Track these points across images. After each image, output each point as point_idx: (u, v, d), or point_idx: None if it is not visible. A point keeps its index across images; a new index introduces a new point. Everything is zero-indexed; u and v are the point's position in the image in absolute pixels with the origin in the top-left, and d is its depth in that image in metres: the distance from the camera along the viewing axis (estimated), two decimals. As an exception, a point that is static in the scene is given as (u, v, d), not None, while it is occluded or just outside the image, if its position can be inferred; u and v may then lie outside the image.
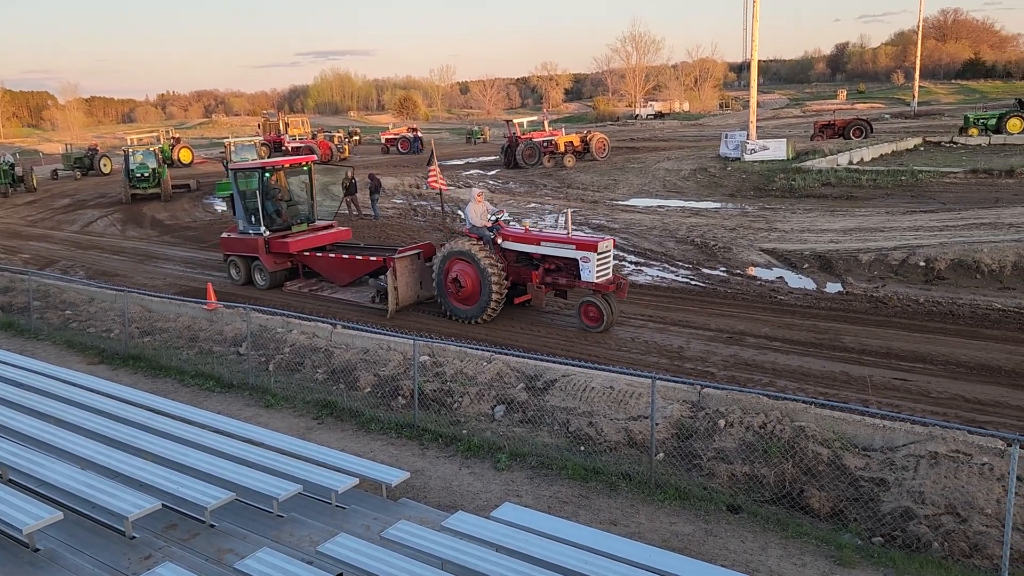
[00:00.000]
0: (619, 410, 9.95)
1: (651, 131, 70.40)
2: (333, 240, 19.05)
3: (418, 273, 16.15)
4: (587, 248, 13.90)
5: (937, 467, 7.80)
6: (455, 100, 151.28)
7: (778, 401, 9.31)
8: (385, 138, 62.13)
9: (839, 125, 46.04)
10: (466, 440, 9.60)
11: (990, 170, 28.68)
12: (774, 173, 31.26)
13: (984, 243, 16.82)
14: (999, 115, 43.44)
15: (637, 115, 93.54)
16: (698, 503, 7.96)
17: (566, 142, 43.02)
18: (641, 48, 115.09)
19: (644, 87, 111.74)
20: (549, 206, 29.66)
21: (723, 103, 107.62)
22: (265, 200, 18.25)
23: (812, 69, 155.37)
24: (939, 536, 7.05)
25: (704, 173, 34.25)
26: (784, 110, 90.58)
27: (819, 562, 6.89)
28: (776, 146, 36.12)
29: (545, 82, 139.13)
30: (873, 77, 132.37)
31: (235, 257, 18.99)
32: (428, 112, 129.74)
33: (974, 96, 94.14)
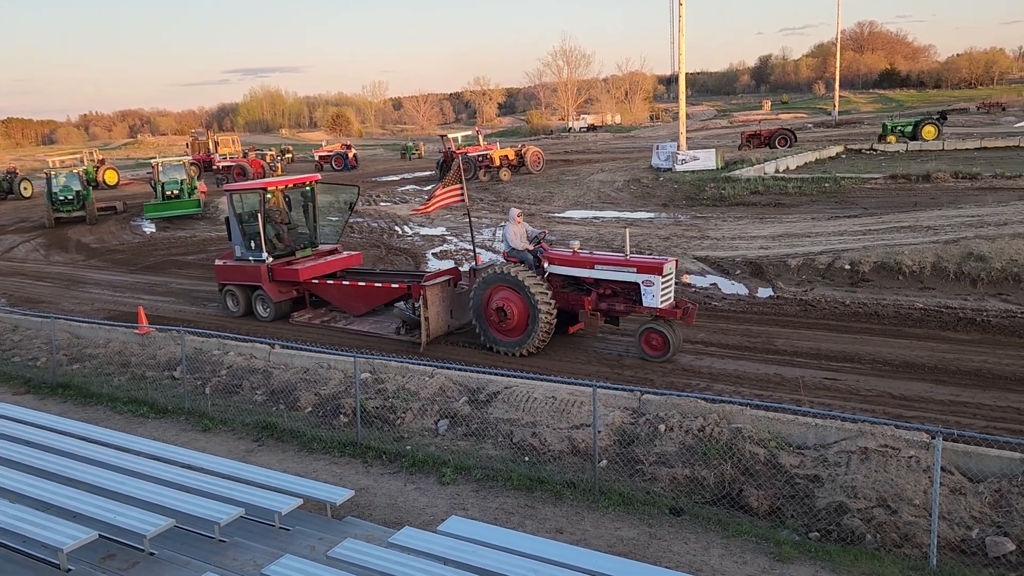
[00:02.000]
0: (562, 419, 10.05)
1: (584, 144, 71.31)
2: (344, 266, 17.53)
3: (448, 301, 14.77)
4: (651, 271, 12.73)
5: (867, 462, 8.09)
6: (389, 116, 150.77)
7: (715, 404, 9.54)
8: (319, 155, 61.53)
9: (765, 135, 47.48)
10: (410, 456, 9.58)
11: (908, 175, 29.91)
12: (704, 183, 32.00)
13: (905, 246, 17.53)
14: (915, 123, 45.44)
15: (570, 128, 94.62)
16: (641, 507, 8.10)
17: (501, 156, 43.27)
18: (572, 62, 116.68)
19: (576, 100, 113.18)
20: (486, 220, 29.78)
21: (653, 115, 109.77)
22: (266, 224, 16.68)
23: (738, 81, 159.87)
24: (871, 528, 7.32)
25: (637, 184, 34.86)
26: (712, 121, 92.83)
27: (759, 559, 7.08)
28: (706, 156, 37.05)
29: (478, 97, 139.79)
30: (796, 88, 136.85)
31: (232, 287, 17.27)
32: (362, 128, 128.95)
33: (891, 105, 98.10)
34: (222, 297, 17.64)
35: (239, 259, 17.13)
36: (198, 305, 19.01)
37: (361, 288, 16.12)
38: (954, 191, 26.84)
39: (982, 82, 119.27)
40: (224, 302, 17.62)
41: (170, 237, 30.88)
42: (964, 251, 16.43)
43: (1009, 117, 64.73)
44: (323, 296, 16.93)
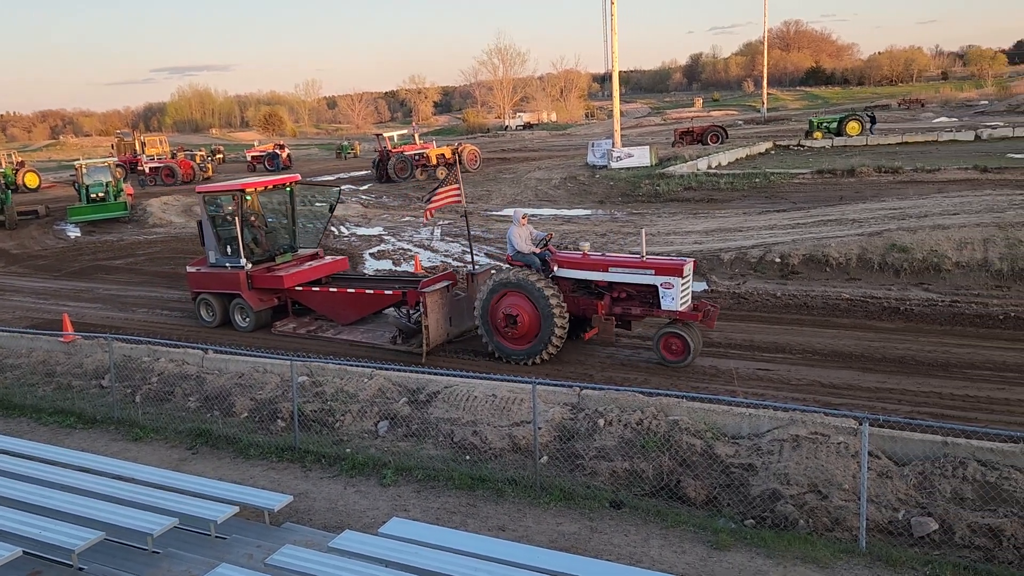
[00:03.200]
0: (502, 417, 10.07)
1: (521, 142, 71.56)
2: (330, 271, 16.61)
3: (447, 308, 13.90)
4: (670, 272, 12.16)
5: (799, 449, 8.32)
6: (323, 115, 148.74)
7: (653, 397, 9.69)
8: (251, 155, 60.27)
9: (697, 132, 48.38)
10: (350, 458, 9.47)
11: (834, 170, 30.83)
12: (640, 179, 32.44)
13: (831, 238, 18.06)
14: (840, 119, 46.88)
15: (507, 126, 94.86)
16: (582, 502, 8.17)
17: (438, 155, 43.13)
18: (507, 60, 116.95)
19: (512, 99, 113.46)
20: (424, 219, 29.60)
21: (589, 113, 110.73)
22: (243, 228, 15.71)
23: (670, 79, 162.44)
24: (804, 514, 7.53)
25: (574, 181, 35.12)
26: (646, 119, 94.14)
27: (697, 548, 7.22)
28: (640, 153, 37.55)
29: (414, 95, 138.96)
30: (726, 86, 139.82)
31: (207, 295, 16.19)
32: (295, 128, 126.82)
33: (817, 102, 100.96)
34: (196, 307, 16.55)
35: (214, 266, 16.04)
36: (127, 311, 18.46)
37: (350, 295, 15.23)
38: (877, 185, 27.77)
39: (902, 79, 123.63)
40: (198, 312, 16.53)
41: (96, 241, 29.90)
42: (887, 243, 17.01)
43: (928, 113, 67.26)
44: (307, 304, 16.05)
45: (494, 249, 22.91)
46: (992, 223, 16.97)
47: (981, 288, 15.35)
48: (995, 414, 10.10)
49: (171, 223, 32.73)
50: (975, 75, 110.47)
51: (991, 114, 58.76)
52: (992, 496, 7.39)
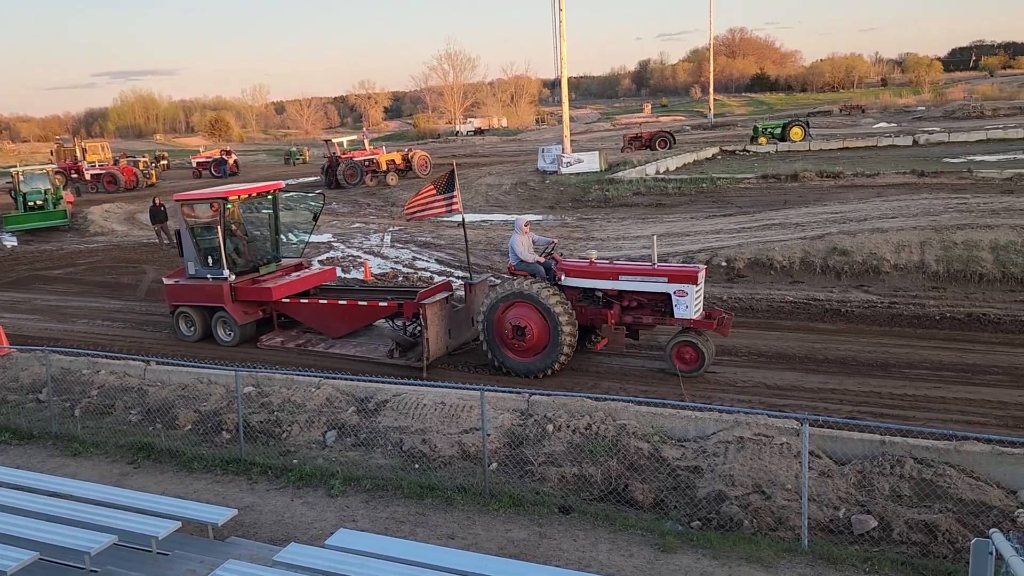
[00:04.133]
0: (452, 424, 10.04)
1: (472, 147, 71.58)
2: (318, 282, 16.00)
3: (447, 319, 13.39)
4: (684, 280, 11.89)
5: (743, 451, 8.46)
6: (271, 120, 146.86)
7: (601, 402, 9.76)
8: (196, 162, 59.24)
9: (646, 137, 48.98)
10: (297, 469, 9.34)
11: (778, 175, 31.48)
12: (589, 184, 32.70)
13: (776, 242, 18.43)
14: (783, 125, 47.91)
15: (457, 132, 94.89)
16: (532, 508, 8.18)
17: (388, 160, 42.92)
18: (457, 66, 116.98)
19: (463, 104, 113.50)
20: (374, 226, 29.45)
21: (539, 118, 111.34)
22: (226, 237, 14.99)
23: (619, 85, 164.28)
24: (748, 514, 7.64)
25: (524, 187, 35.25)
26: (596, 124, 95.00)
27: (645, 551, 7.28)
28: (590, 159, 37.85)
29: (364, 101, 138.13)
30: (674, 92, 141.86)
31: (187, 309, 15.46)
32: (243, 134, 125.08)
33: (762, 108, 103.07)
34: (174, 321, 15.77)
35: (194, 277, 15.34)
36: (66, 322, 17.96)
37: (342, 307, 14.59)
38: (820, 189, 28.43)
39: (844, 85, 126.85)
40: (176, 326, 15.77)
41: (34, 251, 29.01)
42: (829, 246, 17.42)
43: (868, 119, 69.14)
44: (295, 316, 15.43)
45: (445, 255, 22.87)
46: (928, 226, 17.49)
47: (918, 289, 15.81)
48: (932, 412, 10.40)
49: (113, 231, 31.99)
50: (913, 82, 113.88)
51: (928, 120, 60.65)
52: (928, 493, 7.61)
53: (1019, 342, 12.84)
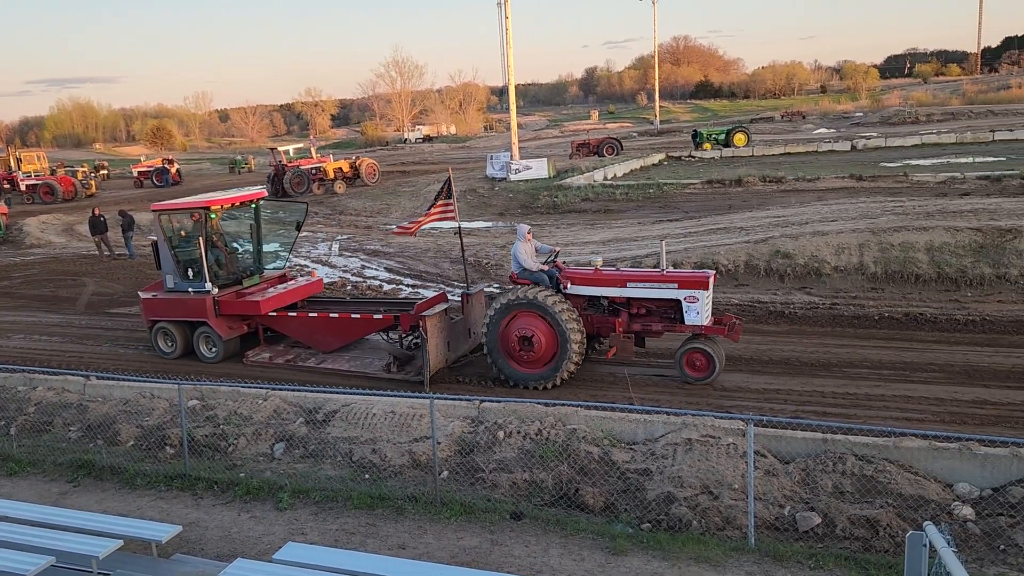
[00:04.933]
0: (402, 434, 9.98)
1: (420, 155, 71.34)
2: (306, 294, 15.44)
3: (446, 332, 13.01)
4: (695, 286, 11.71)
5: (691, 452, 8.57)
6: (215, 128, 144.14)
7: (551, 407, 9.80)
8: (138, 171, 57.91)
9: (593, 144, 49.41)
10: (244, 483, 9.18)
11: (722, 180, 32.05)
12: (538, 191, 32.86)
13: (721, 246, 18.75)
14: (727, 131, 48.82)
15: (406, 139, 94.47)
16: (483, 515, 8.17)
17: (335, 168, 42.55)
18: (405, 73, 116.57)
19: (411, 111, 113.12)
20: (322, 234, 29.15)
21: (488, 125, 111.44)
22: (208, 249, 14.41)
23: (567, 92, 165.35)
24: (697, 514, 7.75)
25: (473, 194, 35.26)
26: (544, 131, 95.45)
27: (596, 554, 7.33)
28: (538, 165, 38.06)
29: (310, 108, 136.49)
30: (621, 98, 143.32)
31: (166, 324, 14.80)
32: (186, 142, 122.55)
33: (707, 114, 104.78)
34: (152, 337, 15.06)
35: (173, 291, 14.70)
36: (1, 338, 17.37)
37: (334, 320, 14.11)
38: (763, 194, 29.02)
39: (785, 92, 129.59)
40: (155, 343, 15.05)
41: (-34, 264, 28.01)
42: (772, 249, 17.79)
43: (808, 124, 70.74)
44: (283, 331, 14.91)
45: (394, 264, 22.75)
46: (867, 229, 17.97)
47: (858, 290, 16.24)
48: (872, 410, 10.69)
49: (51, 243, 31.08)
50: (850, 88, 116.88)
51: (865, 125, 62.32)
52: (869, 489, 7.81)
53: (954, 340, 13.28)
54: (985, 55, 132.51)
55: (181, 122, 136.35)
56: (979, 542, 7.10)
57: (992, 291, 15.47)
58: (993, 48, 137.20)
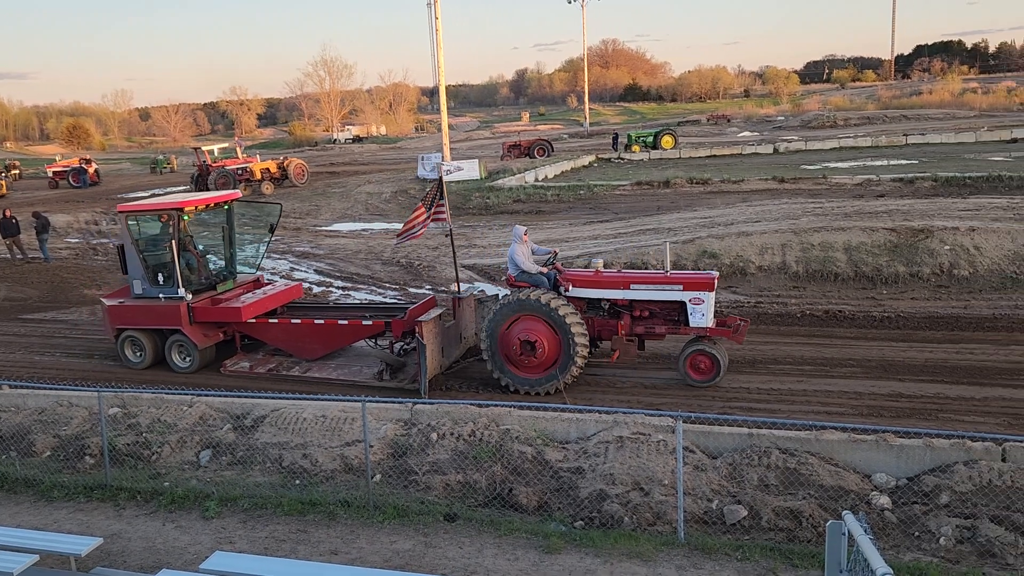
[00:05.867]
0: (333, 438, 9.85)
1: (350, 155, 70.53)
2: (285, 299, 14.70)
3: (441, 337, 12.58)
4: (700, 287, 11.60)
5: (623, 449, 8.70)
6: (135, 127, 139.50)
7: (484, 408, 9.81)
8: (52, 171, 55.58)
9: (525, 145, 49.64)
10: (169, 492, 8.92)
11: (651, 182, 32.62)
12: (470, 192, 32.85)
13: (650, 247, 19.08)
14: (655, 133, 49.66)
15: (335, 139, 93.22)
16: (417, 517, 8.12)
17: (262, 169, 41.70)
18: (334, 73, 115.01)
19: (340, 111, 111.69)
20: (248, 236, 28.47)
21: (419, 126, 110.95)
22: (180, 252, 13.69)
23: (498, 93, 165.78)
24: (629, 511, 7.87)
25: (405, 195, 35.06)
26: (475, 132, 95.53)
27: (530, 553, 7.37)
28: (470, 166, 38.09)
29: (236, 107, 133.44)
30: (551, 100, 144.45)
31: (134, 333, 14.02)
32: (104, 141, 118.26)
33: (635, 117, 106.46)
34: (118, 347, 14.21)
35: (142, 297, 13.97)
36: (-96, 346, 16.46)
37: (319, 327, 13.49)
38: (690, 195, 29.64)
39: (710, 96, 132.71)
40: (121, 352, 14.22)
41: None
42: (699, 249, 18.19)
43: (733, 128, 72.60)
44: (263, 338, 14.24)
45: (324, 266, 22.43)
46: (789, 229, 18.54)
47: (781, 289, 16.74)
48: (795, 404, 11.03)
49: (-42, 246, 29.55)
50: (772, 93, 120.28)
51: (787, 129, 64.31)
52: (792, 481, 8.05)
53: (871, 336, 13.80)
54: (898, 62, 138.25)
55: (99, 120, 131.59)
56: (895, 529, 7.40)
57: (906, 288, 16.14)
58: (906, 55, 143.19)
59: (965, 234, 16.97)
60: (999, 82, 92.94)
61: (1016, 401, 10.69)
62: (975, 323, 14.07)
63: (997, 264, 16.26)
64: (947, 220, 18.29)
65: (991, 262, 16.31)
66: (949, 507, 7.53)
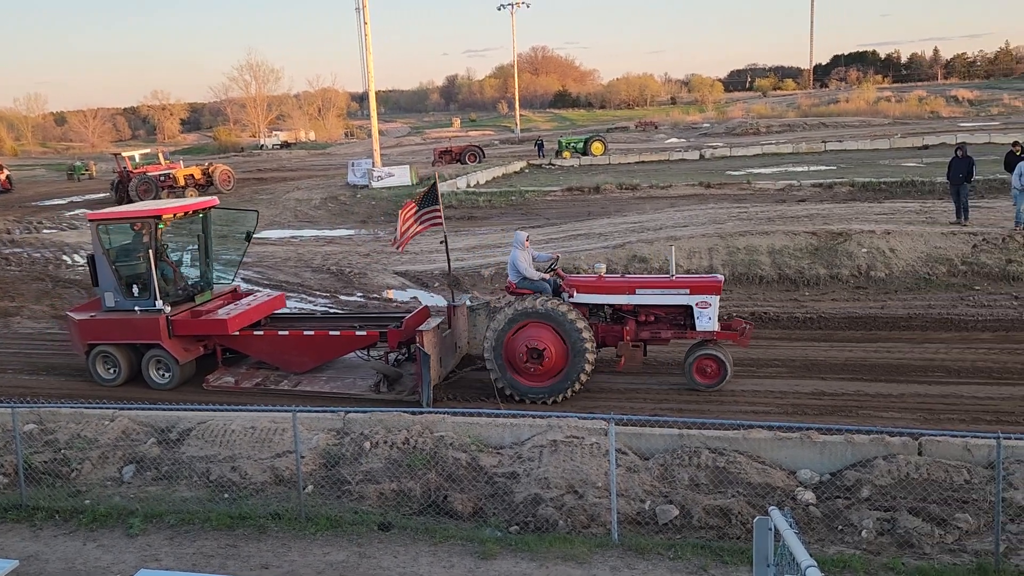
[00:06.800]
0: (263, 449, 9.65)
1: (278, 161, 69.31)
2: (268, 310, 14.03)
3: (440, 347, 12.20)
4: (707, 291, 11.54)
5: (557, 453, 8.76)
6: (50, 132, 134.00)
7: (418, 415, 9.75)
8: (-41, 178, 53.03)
9: (456, 151, 49.66)
10: (90, 511, 8.58)
11: (581, 187, 33.01)
12: (402, 198, 32.52)
13: (581, 251, 19.29)
14: (585, 140, 50.27)
15: (262, 145, 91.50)
16: (350, 528, 8.01)
17: (186, 175, 40.69)
18: (260, 77, 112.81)
19: (267, 117, 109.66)
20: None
21: (348, 132, 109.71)
22: (157, 262, 12.99)
23: (428, 99, 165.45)
24: (563, 514, 7.92)
25: (335, 201, 34.64)
26: (406, 138, 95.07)
27: (465, 560, 7.35)
28: (401, 172, 37.90)
29: (158, 112, 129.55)
30: (482, 107, 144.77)
31: (108, 348, 13.21)
32: (16, 147, 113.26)
33: (565, 123, 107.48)
34: (89, 363, 13.39)
35: (114, 310, 13.21)
36: None
37: (309, 339, 12.94)
38: (619, 200, 30.10)
39: (638, 103, 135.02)
40: (92, 369, 13.40)
41: None
42: (630, 254, 18.48)
43: (661, 134, 74.03)
44: (248, 351, 13.64)
45: (252, 273, 21.95)
46: (715, 233, 18.99)
47: (709, 292, 17.08)
48: (724, 405, 11.30)
49: None
50: (698, 100, 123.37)
51: (712, 136, 65.89)
52: (721, 479, 8.24)
53: (795, 337, 14.23)
54: (816, 71, 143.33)
55: (11, 125, 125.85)
56: (820, 524, 7.64)
57: (827, 290, 16.70)
58: (824, 65, 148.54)
59: (881, 237, 17.66)
60: (911, 91, 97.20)
61: (930, 397, 11.18)
62: (891, 322, 14.65)
63: (911, 266, 16.96)
64: (864, 224, 19.02)
65: (905, 264, 17.01)
66: (870, 500, 7.81)
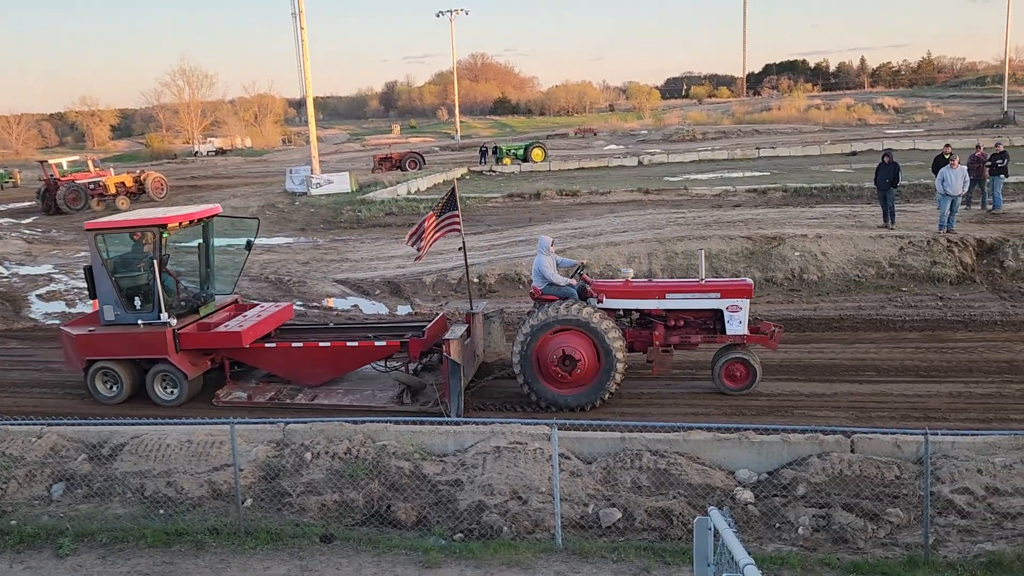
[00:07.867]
0: (200, 463, 9.41)
1: (214, 168, 67.97)
2: (278, 322, 13.51)
3: (464, 355, 11.82)
4: (738, 294, 11.45)
5: (500, 459, 8.76)
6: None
7: (360, 425, 9.65)
8: None
9: (396, 158, 49.41)
10: (16, 531, 8.25)
11: (522, 194, 33.17)
12: (341, 205, 32.35)
13: (523, 258, 19.35)
14: (525, 146, 50.55)
15: (197, 152, 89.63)
16: (291, 540, 7.88)
17: (117, 183, 39.61)
18: (193, 83, 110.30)
19: (202, 123, 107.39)
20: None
21: (286, 138, 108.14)
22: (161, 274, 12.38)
23: (367, 106, 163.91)
24: (507, 520, 7.92)
25: (273, 209, 34.09)
26: (345, 145, 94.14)
27: (409, 570, 7.29)
28: (340, 179, 37.51)
29: (86, 118, 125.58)
30: (422, 113, 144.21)
31: (108, 364, 12.51)
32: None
33: (506, 130, 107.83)
34: (88, 380, 12.69)
35: (115, 323, 12.53)
36: None
37: (326, 350, 12.48)
38: (560, 207, 30.33)
39: (577, 110, 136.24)
40: (91, 386, 12.69)
41: None
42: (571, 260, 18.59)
43: (600, 141, 74.85)
44: (260, 364, 13.11)
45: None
46: (654, 239, 19.28)
47: (648, 296, 17.32)
48: (665, 407, 11.46)
49: None
50: (636, 107, 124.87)
51: (650, 142, 66.93)
52: (663, 481, 8.35)
53: (732, 339, 14.50)
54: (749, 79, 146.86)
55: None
56: (758, 522, 7.80)
57: (762, 293, 17.08)
58: (756, 73, 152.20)
59: (813, 241, 18.17)
60: (839, 99, 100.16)
61: (861, 395, 11.53)
62: (824, 324, 15.07)
63: (842, 268, 17.49)
64: (797, 228, 19.54)
65: (836, 266, 17.53)
66: (806, 498, 8.02)
